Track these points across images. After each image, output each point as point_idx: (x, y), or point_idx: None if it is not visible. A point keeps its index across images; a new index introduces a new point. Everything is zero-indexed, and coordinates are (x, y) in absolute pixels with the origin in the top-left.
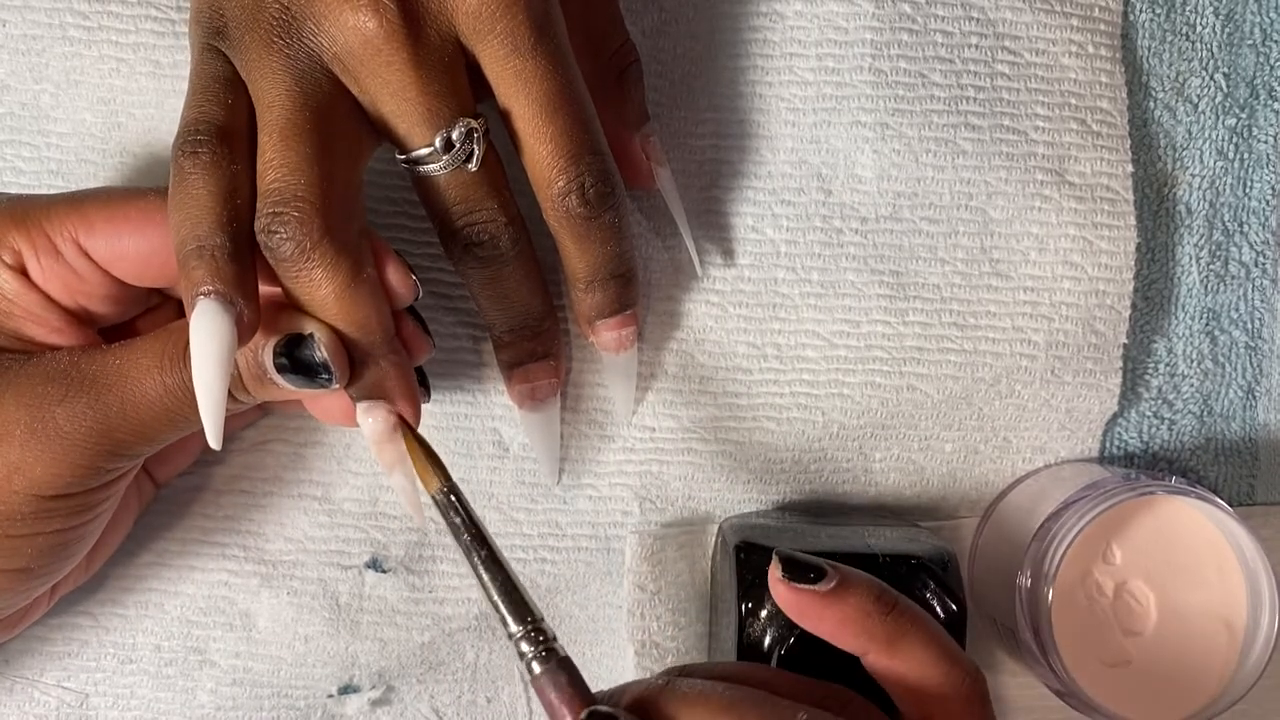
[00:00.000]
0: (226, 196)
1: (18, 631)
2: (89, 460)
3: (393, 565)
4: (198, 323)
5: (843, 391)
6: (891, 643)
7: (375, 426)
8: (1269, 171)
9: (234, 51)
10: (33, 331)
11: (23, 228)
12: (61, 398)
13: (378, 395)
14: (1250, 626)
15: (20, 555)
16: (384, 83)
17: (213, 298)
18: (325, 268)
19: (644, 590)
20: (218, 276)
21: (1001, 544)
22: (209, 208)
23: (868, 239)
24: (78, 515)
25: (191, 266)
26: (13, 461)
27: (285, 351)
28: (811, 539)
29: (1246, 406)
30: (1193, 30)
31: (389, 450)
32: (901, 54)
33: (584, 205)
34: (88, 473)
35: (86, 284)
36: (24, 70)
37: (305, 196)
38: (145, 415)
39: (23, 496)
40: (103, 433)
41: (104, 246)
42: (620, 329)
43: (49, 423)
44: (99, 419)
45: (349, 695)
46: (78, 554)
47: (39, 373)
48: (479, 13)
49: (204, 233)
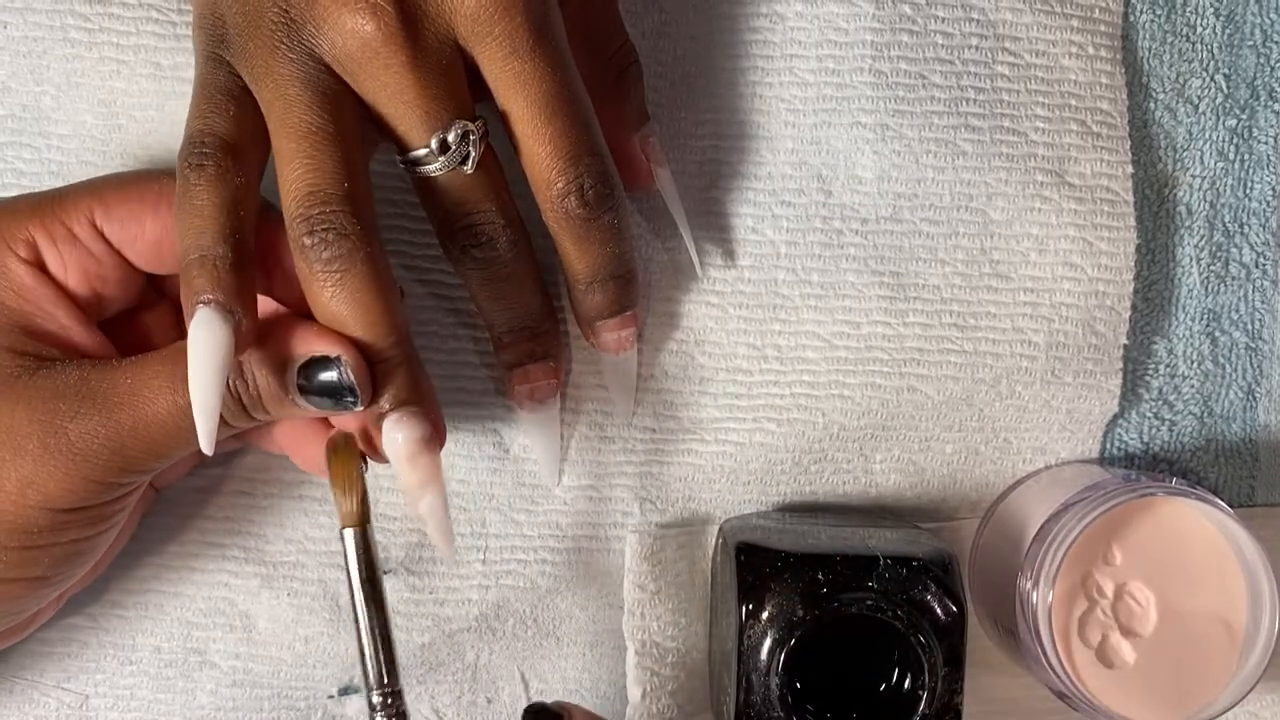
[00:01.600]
0: (230, 208)
1: (25, 634)
2: (101, 476)
3: (393, 566)
4: (196, 330)
5: (843, 393)
6: None
7: (410, 437)
8: (1269, 172)
9: (238, 59)
10: (41, 327)
11: (37, 217)
12: (74, 414)
13: (413, 401)
14: (1250, 627)
15: (38, 565)
16: (382, 85)
17: (212, 306)
18: (369, 270)
19: (644, 590)
20: (218, 286)
21: (1002, 545)
22: (213, 219)
23: (868, 240)
24: (92, 526)
25: (193, 275)
26: (26, 476)
27: (308, 373)
28: (812, 540)
29: (1247, 408)
30: (1193, 31)
31: (424, 463)
32: (902, 55)
33: (583, 206)
34: (100, 488)
35: (102, 267)
36: (25, 72)
37: (343, 196)
38: (157, 434)
39: (37, 510)
40: (115, 450)
41: (120, 228)
42: (620, 330)
43: (61, 439)
44: (111, 436)
45: (349, 696)
46: (92, 561)
47: (49, 387)
48: (477, 15)
49: (207, 243)
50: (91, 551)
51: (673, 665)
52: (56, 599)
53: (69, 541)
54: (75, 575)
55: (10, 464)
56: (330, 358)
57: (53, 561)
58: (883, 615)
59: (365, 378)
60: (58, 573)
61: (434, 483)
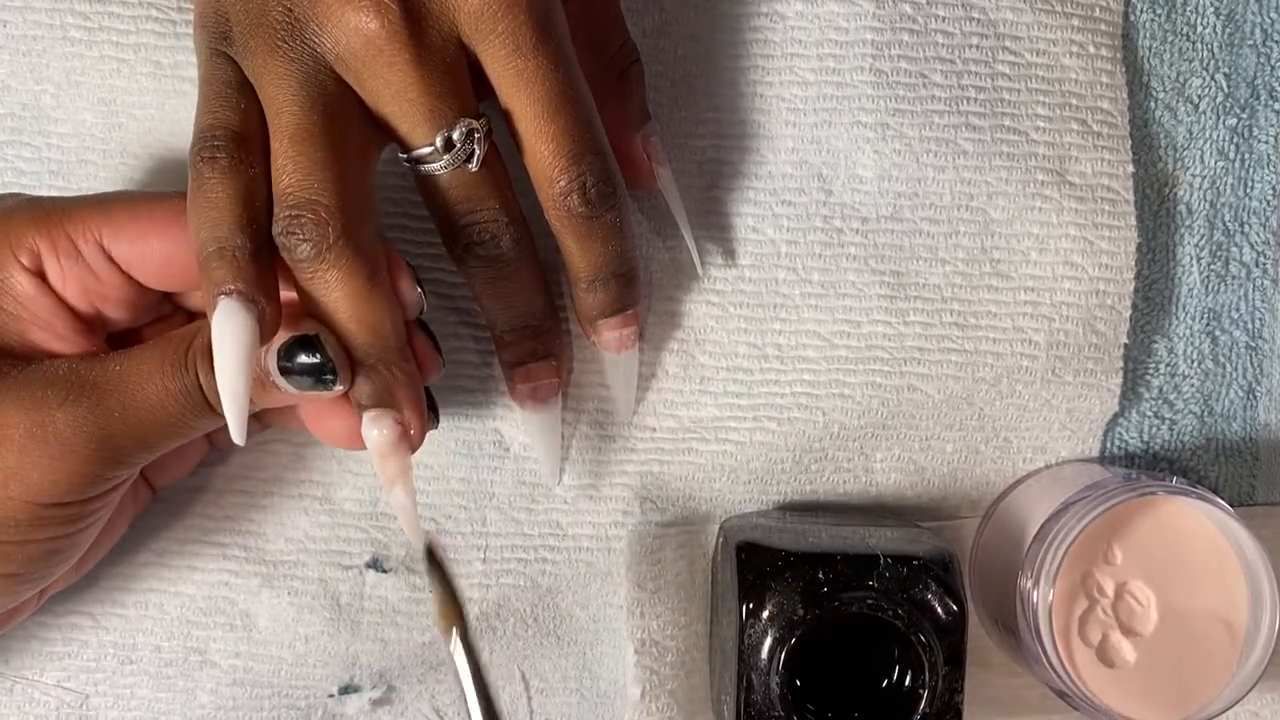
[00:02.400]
0: (246, 199)
1: (3, 631)
2: (88, 468)
3: (394, 565)
4: (220, 322)
5: (843, 392)
6: None
7: (382, 436)
8: (1270, 172)
9: (240, 56)
10: (39, 337)
11: (43, 228)
12: (61, 402)
13: (386, 403)
14: (1250, 626)
15: (11, 561)
16: (386, 83)
17: (235, 297)
18: (342, 269)
19: (644, 589)
20: (239, 276)
21: (1002, 544)
22: (229, 209)
23: (868, 239)
24: (71, 524)
25: (213, 267)
26: (10, 467)
27: (288, 353)
28: (812, 539)
29: (1247, 406)
30: (1193, 30)
31: (393, 463)
32: (902, 54)
33: (585, 205)
34: (85, 480)
35: (104, 286)
36: (24, 71)
37: (321, 199)
38: (146, 420)
39: (18, 503)
40: (103, 439)
41: (128, 248)
42: (621, 328)
43: (49, 427)
44: (99, 424)
45: (350, 695)
46: (69, 560)
47: (38, 378)
48: (481, 13)
49: (224, 234)
50: (69, 550)
51: (673, 664)
52: (36, 596)
53: (46, 539)
54: (50, 575)
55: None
56: (310, 336)
57: (26, 559)
58: (883, 614)
59: (343, 355)
60: (31, 571)
61: (401, 479)
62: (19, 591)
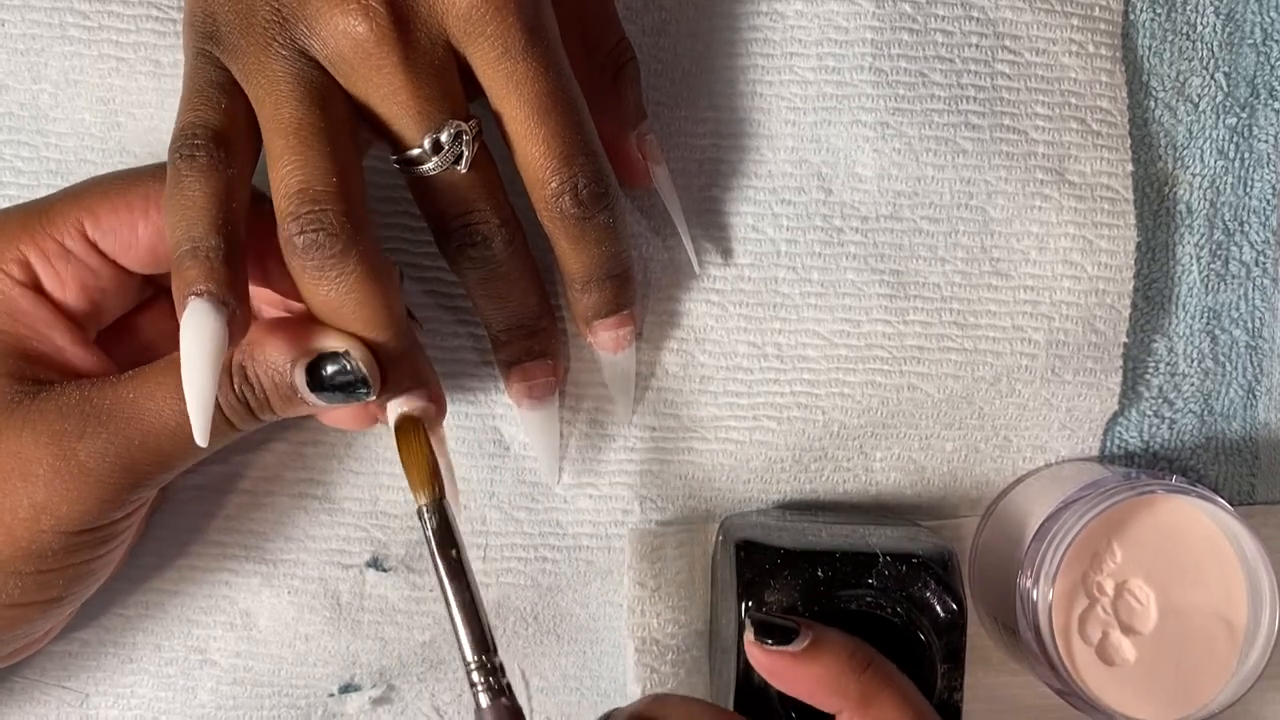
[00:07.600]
0: (222, 200)
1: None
2: (113, 494)
3: (394, 564)
4: (189, 322)
5: (843, 390)
6: (865, 702)
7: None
8: (1269, 171)
9: (229, 56)
10: (37, 349)
11: (28, 234)
12: (80, 435)
13: (414, 387)
14: (1250, 626)
15: (53, 587)
16: (375, 86)
17: (205, 298)
18: (364, 267)
19: (644, 587)
20: (211, 277)
21: (1002, 543)
22: (205, 209)
23: (868, 238)
24: (104, 544)
25: (185, 267)
26: (39, 502)
27: (318, 370)
28: (812, 537)
29: (1247, 405)
30: (1193, 30)
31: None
32: (902, 53)
33: (577, 206)
34: (112, 506)
35: (99, 278)
36: (23, 70)
37: (334, 195)
38: (166, 444)
39: (51, 534)
40: (126, 467)
41: (112, 237)
42: (618, 329)
43: (71, 460)
44: (121, 452)
45: (350, 694)
46: (105, 575)
47: (52, 409)
48: (469, 15)
49: (199, 234)
50: (104, 568)
51: (673, 662)
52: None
53: (82, 562)
54: (88, 592)
55: (22, 490)
56: (338, 353)
57: (67, 582)
58: (882, 612)
59: (374, 367)
60: (71, 592)
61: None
62: (59, 612)
